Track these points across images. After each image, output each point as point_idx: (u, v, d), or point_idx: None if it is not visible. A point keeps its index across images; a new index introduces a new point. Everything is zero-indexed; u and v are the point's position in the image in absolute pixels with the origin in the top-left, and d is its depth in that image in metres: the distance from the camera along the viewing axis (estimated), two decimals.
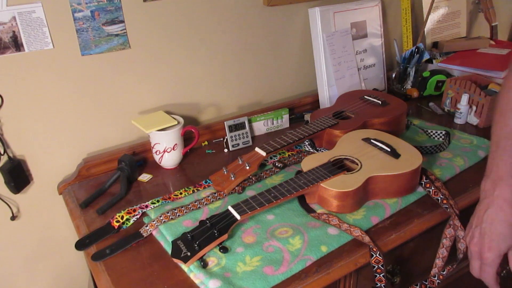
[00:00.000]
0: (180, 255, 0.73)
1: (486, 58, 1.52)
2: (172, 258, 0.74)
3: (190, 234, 0.77)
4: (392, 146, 0.95)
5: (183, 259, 0.73)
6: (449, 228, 0.83)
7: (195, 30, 1.15)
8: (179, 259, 0.73)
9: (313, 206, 0.89)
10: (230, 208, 0.81)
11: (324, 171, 0.89)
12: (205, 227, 0.78)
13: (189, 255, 0.73)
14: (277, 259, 0.76)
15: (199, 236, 0.76)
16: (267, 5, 1.25)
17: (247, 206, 0.81)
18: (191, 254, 0.73)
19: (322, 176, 0.87)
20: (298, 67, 1.41)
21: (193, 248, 0.74)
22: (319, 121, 1.11)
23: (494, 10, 1.73)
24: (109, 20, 1.02)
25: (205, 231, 0.77)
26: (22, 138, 1.01)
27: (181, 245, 0.75)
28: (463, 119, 1.26)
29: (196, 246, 0.74)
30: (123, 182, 1.00)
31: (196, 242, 0.75)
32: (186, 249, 0.74)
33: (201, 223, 0.79)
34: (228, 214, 0.81)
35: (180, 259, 0.73)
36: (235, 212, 0.80)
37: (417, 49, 1.44)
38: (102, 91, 1.08)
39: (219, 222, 0.79)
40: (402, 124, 1.18)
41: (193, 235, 0.77)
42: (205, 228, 0.78)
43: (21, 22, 0.92)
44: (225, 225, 0.78)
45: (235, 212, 0.80)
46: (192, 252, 0.73)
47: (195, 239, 0.76)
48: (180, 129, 1.07)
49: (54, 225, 1.11)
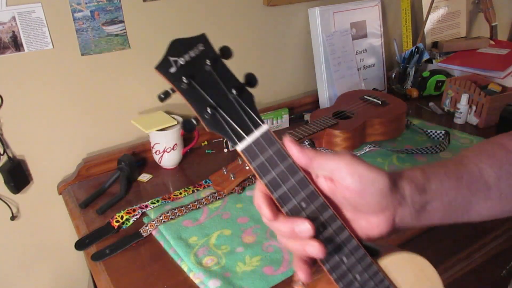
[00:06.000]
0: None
1: (486, 58, 1.52)
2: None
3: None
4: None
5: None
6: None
7: (195, 30, 1.14)
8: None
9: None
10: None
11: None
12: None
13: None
14: (277, 259, 0.76)
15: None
16: (267, 5, 1.25)
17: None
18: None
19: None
20: (298, 67, 1.41)
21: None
22: (319, 121, 1.11)
23: (494, 10, 1.73)
24: (109, 20, 1.02)
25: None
26: (22, 138, 1.01)
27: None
28: (462, 119, 1.26)
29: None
30: (122, 182, 1.00)
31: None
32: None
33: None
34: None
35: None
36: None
37: (417, 49, 1.44)
38: (102, 91, 1.08)
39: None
40: (402, 124, 1.18)
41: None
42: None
43: (20, 22, 0.92)
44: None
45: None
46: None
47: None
48: (180, 129, 1.07)
49: (54, 225, 1.11)
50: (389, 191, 0.42)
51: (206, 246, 0.80)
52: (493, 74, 1.39)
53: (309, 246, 0.40)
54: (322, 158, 0.41)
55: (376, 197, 0.42)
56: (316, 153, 0.42)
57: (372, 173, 0.41)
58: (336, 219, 0.42)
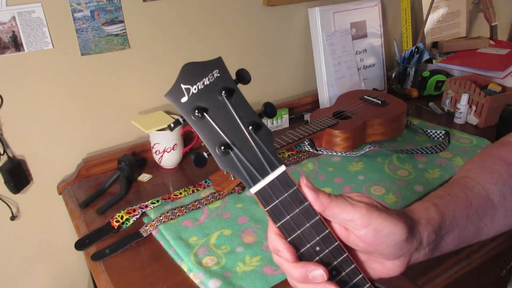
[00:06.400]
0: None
1: (485, 58, 1.52)
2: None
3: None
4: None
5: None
6: None
7: (194, 30, 1.15)
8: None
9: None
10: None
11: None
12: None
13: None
14: None
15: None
16: (267, 5, 1.25)
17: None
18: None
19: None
20: (298, 67, 1.41)
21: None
22: (319, 121, 1.11)
23: (494, 10, 1.73)
24: (108, 20, 1.02)
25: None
26: (22, 138, 1.01)
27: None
28: (462, 119, 1.26)
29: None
30: (122, 182, 1.00)
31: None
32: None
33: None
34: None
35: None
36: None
37: (417, 49, 1.44)
38: (102, 91, 1.08)
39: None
40: (402, 124, 1.18)
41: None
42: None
43: (20, 22, 0.92)
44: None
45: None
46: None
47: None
48: (180, 129, 1.07)
49: (54, 225, 1.11)
50: (406, 241, 0.41)
51: (206, 246, 0.80)
52: (493, 74, 1.39)
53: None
54: (337, 207, 0.40)
55: (392, 248, 0.41)
56: (331, 201, 0.40)
57: (389, 226, 0.40)
58: (350, 263, 0.41)
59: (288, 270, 0.40)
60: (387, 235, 0.40)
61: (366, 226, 0.39)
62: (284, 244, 0.39)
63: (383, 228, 0.40)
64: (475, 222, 0.47)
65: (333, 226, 0.41)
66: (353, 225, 0.40)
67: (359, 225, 0.39)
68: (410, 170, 1.02)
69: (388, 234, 0.40)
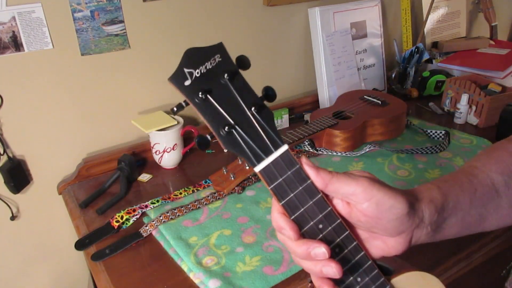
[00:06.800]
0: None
1: (485, 58, 1.52)
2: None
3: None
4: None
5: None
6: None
7: (195, 30, 1.15)
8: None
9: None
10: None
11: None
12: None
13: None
14: (277, 259, 0.76)
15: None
16: (267, 5, 1.25)
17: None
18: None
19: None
20: (298, 67, 1.41)
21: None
22: (318, 121, 1.11)
23: (494, 10, 1.73)
24: (108, 20, 1.02)
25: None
26: (22, 138, 1.01)
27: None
28: (462, 119, 1.26)
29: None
30: (122, 182, 1.00)
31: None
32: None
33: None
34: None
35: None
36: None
37: (417, 49, 1.44)
38: (102, 91, 1.08)
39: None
40: (402, 124, 1.18)
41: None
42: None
43: (20, 22, 0.92)
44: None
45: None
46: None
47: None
48: (180, 129, 1.07)
49: (54, 225, 1.11)
50: (407, 216, 0.41)
51: (206, 246, 0.80)
52: (493, 74, 1.39)
53: (327, 267, 0.39)
54: (338, 182, 0.40)
55: (394, 223, 0.41)
56: (332, 176, 0.40)
57: (390, 199, 0.40)
58: (352, 240, 0.41)
59: (291, 247, 0.41)
60: (389, 208, 0.40)
61: (368, 200, 0.40)
62: (288, 222, 0.40)
63: (385, 202, 0.40)
64: (479, 208, 0.47)
65: (335, 203, 0.42)
66: (355, 198, 0.40)
67: (361, 198, 0.40)
68: (410, 170, 1.02)
69: (390, 208, 0.40)
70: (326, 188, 0.40)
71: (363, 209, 0.40)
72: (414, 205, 0.42)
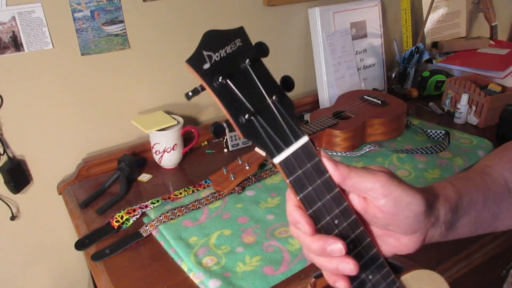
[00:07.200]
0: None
1: (485, 58, 1.52)
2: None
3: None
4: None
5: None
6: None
7: (195, 30, 1.15)
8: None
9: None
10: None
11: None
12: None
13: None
14: (277, 259, 0.76)
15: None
16: (267, 5, 1.25)
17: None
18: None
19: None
20: (298, 67, 1.41)
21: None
22: (318, 121, 1.11)
23: (494, 10, 1.73)
24: (108, 20, 1.02)
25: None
26: (22, 138, 1.01)
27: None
28: (462, 119, 1.26)
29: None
30: (122, 182, 1.00)
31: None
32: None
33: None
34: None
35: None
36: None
37: (417, 49, 1.44)
38: (102, 91, 1.08)
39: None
40: (402, 124, 1.18)
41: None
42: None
43: (20, 22, 0.92)
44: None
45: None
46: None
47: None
48: (180, 129, 1.07)
49: (54, 225, 1.11)
50: (424, 214, 0.40)
51: (206, 246, 0.80)
52: (493, 74, 1.39)
53: (343, 263, 0.38)
54: (357, 176, 0.39)
55: (410, 220, 0.40)
56: (350, 171, 0.39)
57: (408, 196, 0.39)
58: (366, 237, 0.41)
59: (306, 242, 0.40)
60: (407, 205, 0.39)
61: (386, 196, 0.39)
62: (304, 216, 0.39)
63: (403, 198, 0.39)
64: (492, 207, 0.47)
65: (351, 198, 0.41)
66: (374, 194, 0.39)
67: (379, 194, 0.39)
68: (410, 170, 1.02)
69: (408, 205, 0.39)
70: (344, 183, 0.39)
71: (380, 205, 0.39)
72: (431, 203, 0.41)
